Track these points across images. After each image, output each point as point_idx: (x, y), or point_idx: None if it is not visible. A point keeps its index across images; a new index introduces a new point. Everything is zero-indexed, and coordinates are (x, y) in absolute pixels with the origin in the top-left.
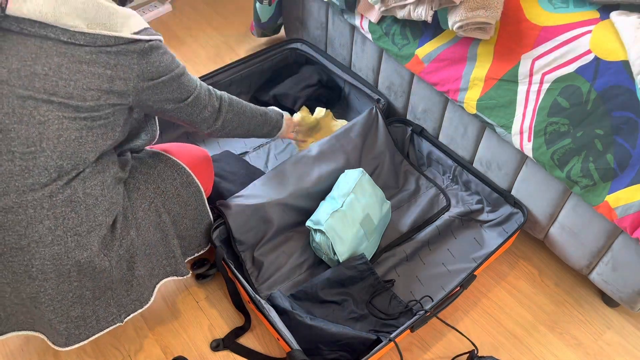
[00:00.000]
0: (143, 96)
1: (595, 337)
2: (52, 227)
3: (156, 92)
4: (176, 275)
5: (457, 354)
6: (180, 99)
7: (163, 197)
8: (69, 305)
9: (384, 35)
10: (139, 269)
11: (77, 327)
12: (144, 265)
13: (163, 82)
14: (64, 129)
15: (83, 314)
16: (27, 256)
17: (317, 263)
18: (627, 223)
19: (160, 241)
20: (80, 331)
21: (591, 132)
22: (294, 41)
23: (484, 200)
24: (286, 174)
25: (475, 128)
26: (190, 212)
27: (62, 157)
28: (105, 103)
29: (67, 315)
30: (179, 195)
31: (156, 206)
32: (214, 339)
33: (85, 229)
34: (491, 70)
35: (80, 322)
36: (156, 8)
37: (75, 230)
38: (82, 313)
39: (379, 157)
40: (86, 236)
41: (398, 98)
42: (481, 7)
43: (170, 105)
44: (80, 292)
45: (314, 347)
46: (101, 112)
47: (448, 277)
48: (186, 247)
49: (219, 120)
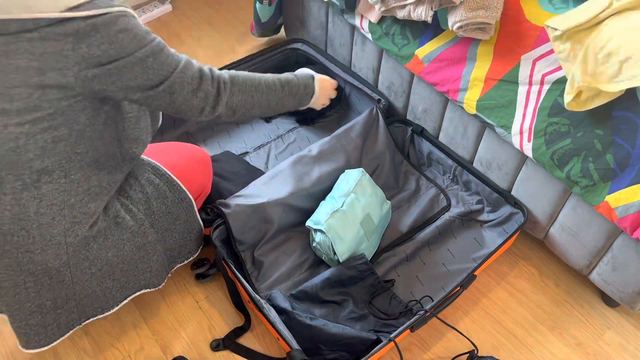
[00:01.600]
0: (95, 86)
1: (595, 337)
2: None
3: (111, 80)
4: (148, 288)
5: (457, 354)
6: (149, 86)
7: (152, 218)
8: (28, 315)
9: (384, 35)
10: (108, 282)
11: (37, 334)
12: (116, 279)
13: (117, 68)
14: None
15: (43, 322)
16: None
17: (317, 263)
18: (627, 223)
19: (140, 259)
20: (40, 338)
21: (591, 133)
22: (295, 41)
23: (484, 201)
24: (286, 173)
25: (475, 128)
26: (180, 226)
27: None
28: (41, 101)
29: (26, 322)
30: (169, 213)
31: (144, 228)
32: (214, 339)
33: (39, 247)
34: (491, 71)
35: (40, 330)
36: (156, 8)
37: (26, 248)
38: (42, 321)
39: (379, 157)
40: (40, 254)
41: (398, 98)
42: (481, 7)
43: (137, 94)
44: (39, 301)
45: (314, 347)
46: (41, 112)
47: (448, 277)
48: (175, 257)
49: (218, 106)
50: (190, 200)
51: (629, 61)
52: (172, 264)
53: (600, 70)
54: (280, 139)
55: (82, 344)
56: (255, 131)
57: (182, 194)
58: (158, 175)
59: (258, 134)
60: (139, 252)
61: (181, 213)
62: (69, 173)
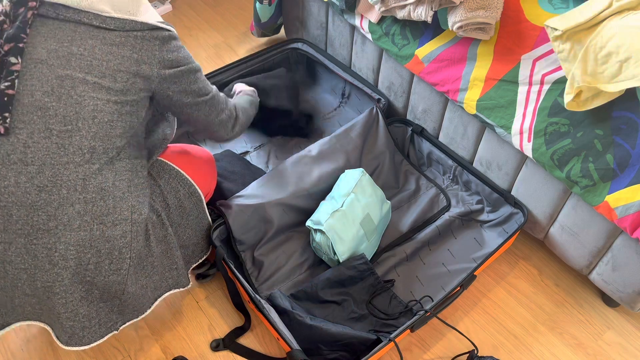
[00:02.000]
0: (164, 84)
1: (595, 337)
2: (81, 212)
3: (175, 82)
4: (177, 288)
5: (457, 354)
6: (199, 94)
7: (167, 211)
8: (78, 301)
9: (384, 35)
10: (142, 280)
11: (83, 328)
12: (148, 277)
13: (182, 72)
14: (98, 111)
15: (89, 314)
16: (52, 239)
17: (317, 263)
18: (627, 223)
19: (164, 254)
20: (84, 333)
21: (591, 133)
22: (295, 41)
23: (484, 201)
24: (286, 173)
25: (475, 128)
26: (192, 222)
27: (95, 138)
28: (132, 87)
29: (76, 311)
30: (182, 207)
31: (162, 219)
32: (214, 339)
33: (111, 220)
34: (491, 71)
35: (86, 323)
36: (156, 8)
37: (101, 220)
38: (88, 312)
39: (379, 157)
40: (111, 228)
41: (398, 98)
42: (481, 7)
43: (189, 98)
44: (89, 287)
45: (314, 347)
46: (129, 97)
47: (448, 277)
48: (190, 256)
49: (236, 126)
50: (200, 194)
51: (629, 61)
52: (188, 265)
53: (600, 70)
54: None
55: None
56: (255, 131)
57: (191, 188)
58: (167, 171)
59: (259, 134)
60: (161, 245)
61: (193, 208)
62: (131, 156)
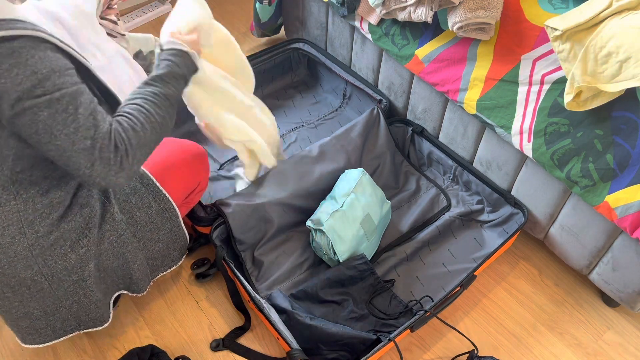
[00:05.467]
0: None
1: (595, 337)
2: None
3: None
4: (129, 292)
5: (457, 354)
6: None
7: (135, 227)
8: (16, 318)
9: (384, 35)
10: (96, 294)
11: (30, 334)
12: (98, 287)
13: None
14: None
15: (34, 326)
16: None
17: (317, 263)
18: (627, 223)
19: (120, 267)
20: (33, 337)
21: (591, 133)
22: (297, 41)
23: (485, 201)
24: (287, 173)
25: (475, 128)
26: (163, 236)
27: None
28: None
29: (16, 324)
30: (153, 223)
31: (124, 238)
32: (214, 339)
33: (6, 263)
34: (491, 71)
35: (33, 331)
36: (156, 8)
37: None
38: (33, 325)
39: (379, 157)
40: (9, 268)
41: (398, 98)
42: (481, 7)
43: None
44: (24, 310)
45: (314, 346)
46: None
47: (448, 277)
48: (158, 266)
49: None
50: (175, 210)
51: (629, 61)
52: (155, 273)
53: (600, 70)
54: (281, 138)
55: (82, 344)
56: None
57: (167, 204)
58: (144, 184)
59: None
60: (117, 260)
61: (165, 223)
62: (19, 194)
